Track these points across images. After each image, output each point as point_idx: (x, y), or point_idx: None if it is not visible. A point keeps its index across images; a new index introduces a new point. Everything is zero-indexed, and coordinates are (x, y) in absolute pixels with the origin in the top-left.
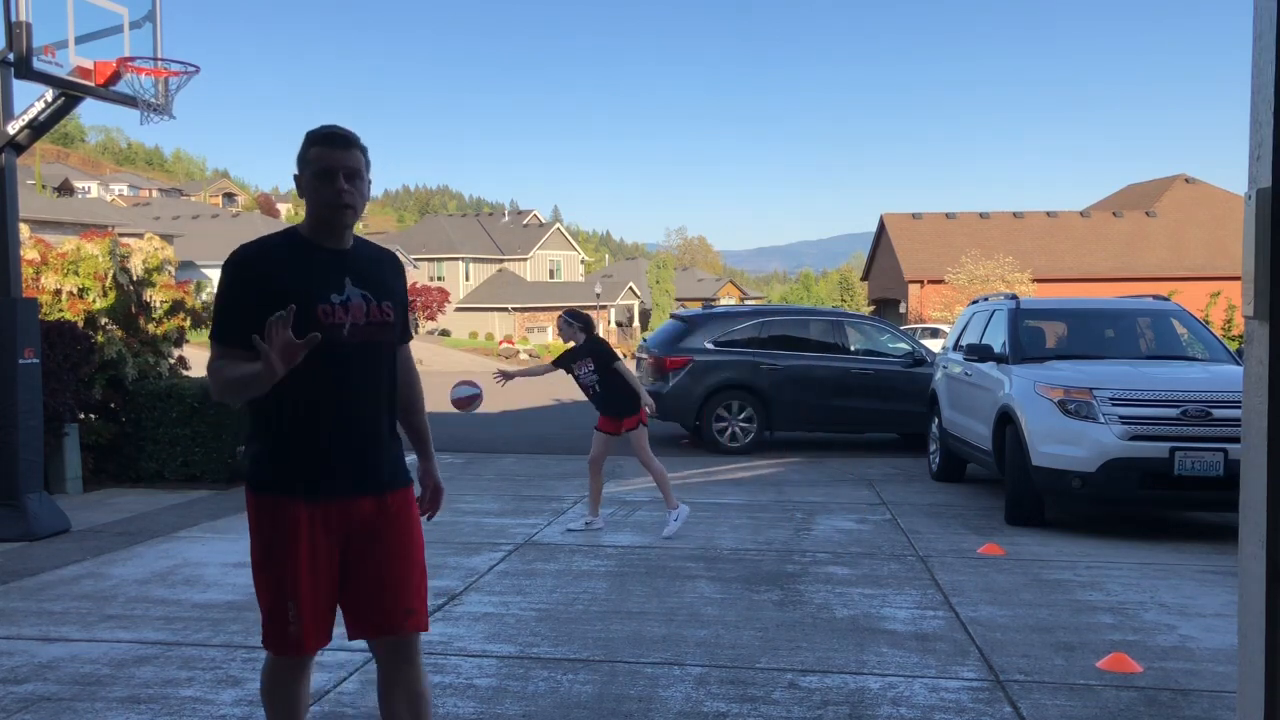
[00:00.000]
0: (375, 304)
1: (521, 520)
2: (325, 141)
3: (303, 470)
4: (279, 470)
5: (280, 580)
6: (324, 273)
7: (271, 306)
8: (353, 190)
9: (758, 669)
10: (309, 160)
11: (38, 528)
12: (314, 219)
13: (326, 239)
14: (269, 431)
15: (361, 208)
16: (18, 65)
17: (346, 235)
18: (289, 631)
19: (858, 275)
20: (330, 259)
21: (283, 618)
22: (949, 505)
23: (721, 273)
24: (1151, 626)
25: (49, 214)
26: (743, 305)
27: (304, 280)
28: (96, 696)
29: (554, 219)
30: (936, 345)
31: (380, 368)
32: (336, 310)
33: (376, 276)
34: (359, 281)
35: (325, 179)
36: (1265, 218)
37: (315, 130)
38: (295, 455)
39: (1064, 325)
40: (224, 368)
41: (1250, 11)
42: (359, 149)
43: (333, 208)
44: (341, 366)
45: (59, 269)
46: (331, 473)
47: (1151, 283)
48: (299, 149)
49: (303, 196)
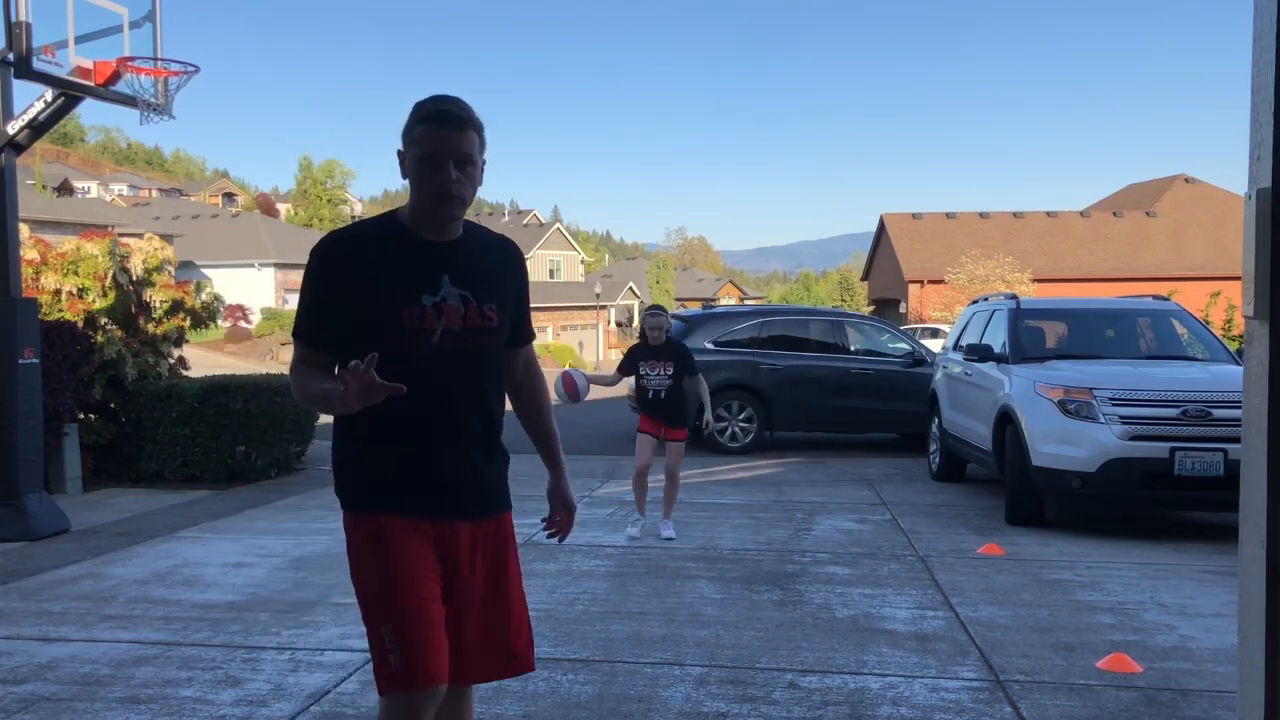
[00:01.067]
0: (476, 306)
1: (521, 520)
2: (435, 120)
3: (392, 490)
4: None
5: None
6: (419, 270)
7: (357, 306)
8: (463, 179)
9: (758, 669)
10: (414, 140)
11: (38, 528)
12: (417, 208)
13: (429, 230)
14: (350, 441)
15: (471, 197)
16: (18, 65)
17: (453, 226)
18: (388, 662)
19: (858, 275)
20: (429, 253)
21: (379, 648)
22: (949, 505)
23: (721, 273)
24: (1151, 626)
25: (49, 214)
26: (743, 305)
27: (395, 277)
28: (96, 697)
29: (554, 219)
30: (936, 345)
31: (479, 379)
32: (427, 314)
33: (482, 273)
34: (459, 280)
35: (432, 166)
36: (1265, 218)
37: (424, 103)
38: (377, 470)
39: (1064, 325)
40: (304, 376)
41: (1250, 11)
42: (474, 129)
43: (439, 199)
44: (430, 377)
45: (59, 269)
46: (419, 494)
47: (1151, 283)
48: (405, 123)
49: (405, 178)
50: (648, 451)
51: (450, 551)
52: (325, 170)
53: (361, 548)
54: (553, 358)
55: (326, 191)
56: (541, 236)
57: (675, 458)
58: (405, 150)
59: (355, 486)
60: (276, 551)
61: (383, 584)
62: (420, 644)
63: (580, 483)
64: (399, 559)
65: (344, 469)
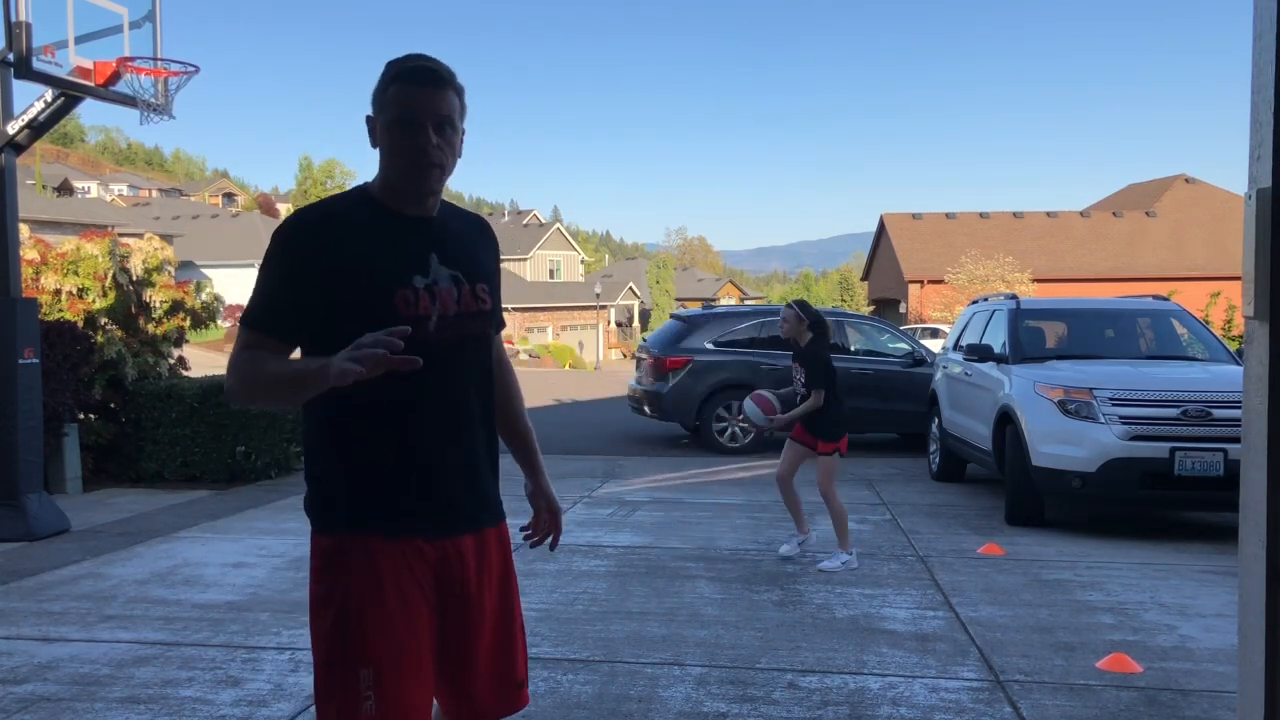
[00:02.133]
0: (469, 287)
1: (521, 520)
2: (410, 78)
3: (379, 502)
4: (349, 503)
5: (346, 640)
6: (405, 248)
7: (334, 291)
8: (442, 145)
9: (758, 669)
10: (387, 102)
11: (37, 528)
12: (390, 178)
13: (406, 204)
14: (333, 452)
15: (452, 167)
16: (18, 65)
17: (432, 201)
18: (361, 710)
19: (858, 275)
20: (412, 230)
21: (353, 693)
22: (949, 505)
23: (721, 273)
24: (1151, 626)
25: (49, 214)
26: (743, 305)
27: (379, 258)
28: (96, 697)
29: (554, 219)
30: (936, 345)
31: (476, 369)
32: (421, 298)
33: (470, 251)
34: (448, 259)
35: (407, 129)
36: (1265, 218)
37: (397, 61)
38: (367, 484)
39: (1064, 325)
40: (257, 360)
41: (1250, 11)
42: (454, 90)
43: (416, 167)
44: (427, 370)
45: (59, 269)
46: (415, 507)
47: (1151, 283)
48: (376, 84)
49: (375, 146)
50: (788, 459)
51: (455, 577)
52: (325, 170)
53: (333, 576)
54: (553, 358)
55: (327, 191)
56: (541, 236)
57: (821, 473)
58: (376, 115)
59: (335, 502)
60: (276, 551)
61: (359, 623)
62: (407, 690)
63: (580, 482)
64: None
65: (323, 482)
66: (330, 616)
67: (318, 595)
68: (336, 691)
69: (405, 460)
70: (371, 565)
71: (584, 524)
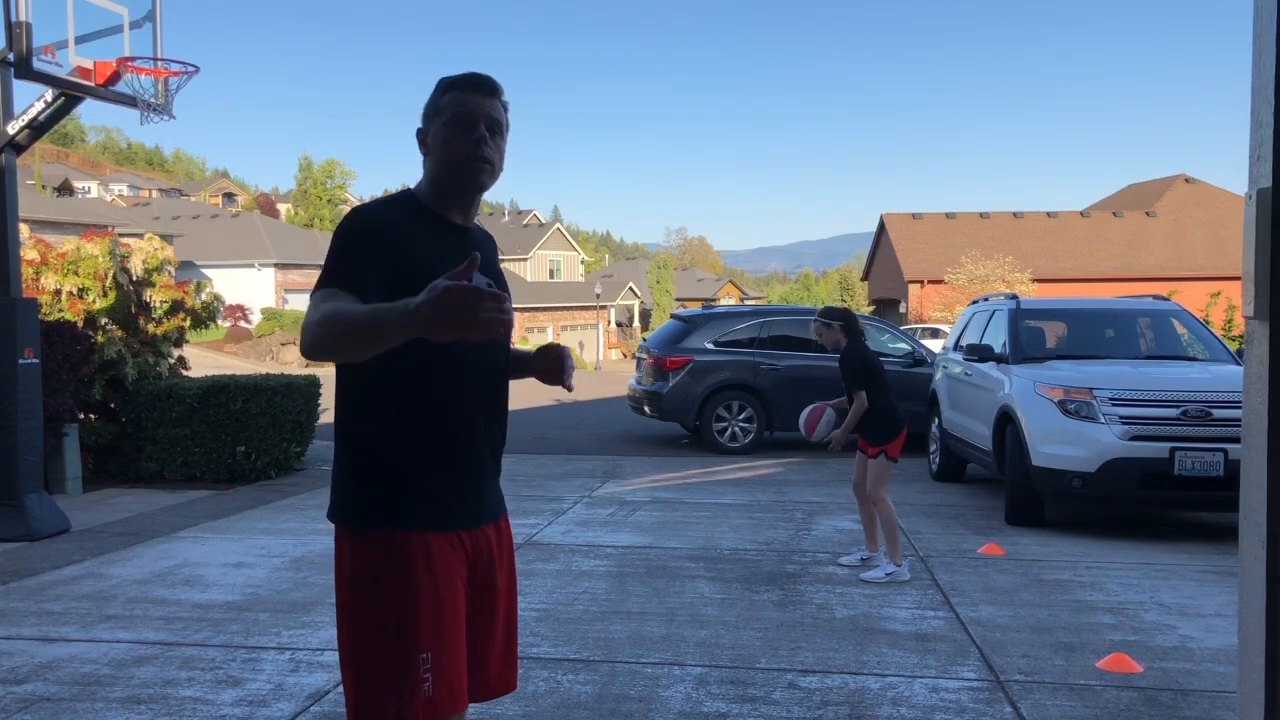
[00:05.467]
0: None
1: (521, 520)
2: (465, 86)
3: (426, 496)
4: (392, 498)
5: (402, 628)
6: (455, 254)
7: (401, 273)
8: (493, 145)
9: (758, 669)
10: (442, 108)
11: (38, 528)
12: (440, 180)
13: (453, 208)
14: (376, 450)
15: (499, 169)
16: (18, 65)
17: (475, 207)
18: (420, 692)
19: (858, 275)
20: (458, 239)
21: (414, 678)
22: (949, 505)
23: (721, 273)
24: (1151, 627)
25: (49, 214)
26: (743, 305)
27: (433, 259)
28: (96, 697)
29: (554, 219)
30: (936, 345)
31: (498, 369)
32: None
33: (495, 265)
34: (481, 267)
35: (461, 127)
36: (1265, 218)
37: (452, 75)
38: (414, 478)
39: (1064, 325)
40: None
41: (1250, 11)
42: (502, 102)
43: (470, 160)
44: (469, 369)
45: (59, 269)
46: (459, 500)
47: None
48: (429, 99)
49: (426, 155)
50: (857, 467)
51: (485, 559)
52: (325, 170)
53: (392, 570)
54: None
55: (327, 192)
56: (541, 236)
57: (872, 478)
58: (428, 124)
59: (386, 499)
60: (276, 551)
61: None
62: (455, 671)
63: (580, 482)
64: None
65: (363, 477)
66: (386, 607)
67: (364, 587)
68: (393, 679)
69: (451, 456)
70: (427, 557)
71: (584, 524)
